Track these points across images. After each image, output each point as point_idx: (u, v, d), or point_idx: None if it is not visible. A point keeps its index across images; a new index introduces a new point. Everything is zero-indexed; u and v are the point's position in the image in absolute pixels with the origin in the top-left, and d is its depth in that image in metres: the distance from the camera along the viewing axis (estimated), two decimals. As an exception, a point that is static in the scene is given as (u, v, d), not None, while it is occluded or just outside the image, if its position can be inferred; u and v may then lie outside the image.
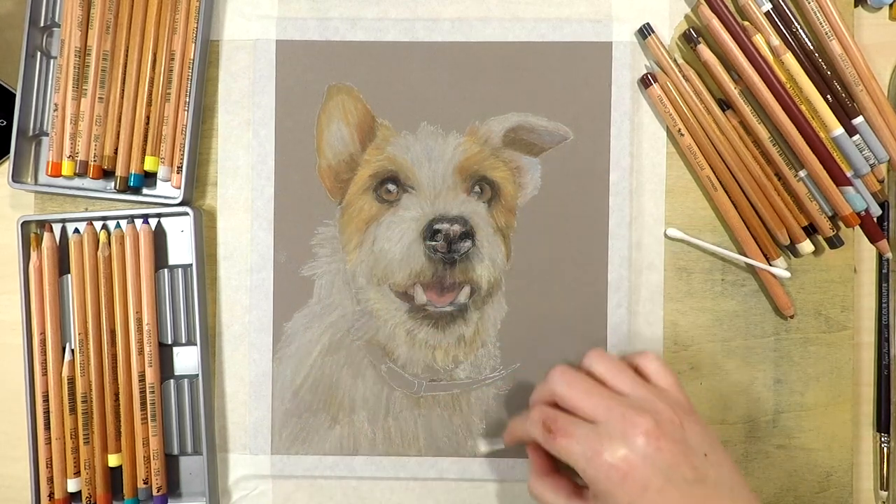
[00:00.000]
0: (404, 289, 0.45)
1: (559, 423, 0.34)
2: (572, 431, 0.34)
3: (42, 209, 0.47)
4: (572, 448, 0.33)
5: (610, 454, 0.32)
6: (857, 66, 0.44)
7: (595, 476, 0.32)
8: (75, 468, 0.44)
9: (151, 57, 0.44)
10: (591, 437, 0.33)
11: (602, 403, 0.34)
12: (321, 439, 0.46)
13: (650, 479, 0.32)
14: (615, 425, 0.33)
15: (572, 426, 0.34)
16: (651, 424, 0.32)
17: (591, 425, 0.34)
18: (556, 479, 0.37)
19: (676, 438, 0.33)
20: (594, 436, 0.33)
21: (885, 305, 0.47)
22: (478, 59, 0.46)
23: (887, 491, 0.46)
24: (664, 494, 0.32)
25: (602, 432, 0.33)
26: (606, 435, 0.33)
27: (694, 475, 0.32)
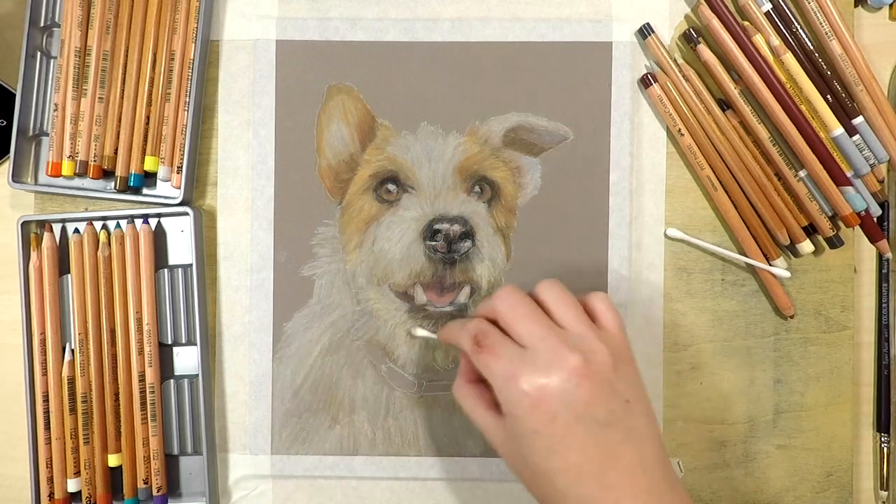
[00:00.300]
0: (404, 289, 0.45)
1: (489, 340, 0.34)
2: (498, 350, 0.33)
3: (42, 209, 0.47)
4: (493, 366, 0.33)
5: (527, 381, 0.32)
6: (857, 66, 0.44)
7: (507, 398, 0.33)
8: (75, 468, 0.44)
9: (151, 57, 0.44)
10: (514, 361, 0.33)
11: (537, 331, 0.33)
12: (321, 439, 0.46)
13: (559, 412, 0.31)
14: (542, 355, 0.32)
15: (500, 345, 0.34)
16: (579, 362, 0.32)
17: (520, 349, 0.33)
18: (480, 389, 0.37)
19: (601, 380, 0.32)
20: (518, 360, 0.33)
21: (885, 305, 0.47)
22: (478, 59, 0.46)
23: (887, 491, 0.46)
24: (570, 429, 0.31)
25: (527, 358, 0.33)
26: (531, 362, 0.32)
27: (607, 418, 0.32)
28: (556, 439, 0.32)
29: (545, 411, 0.32)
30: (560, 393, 0.32)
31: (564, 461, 0.32)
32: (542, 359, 0.32)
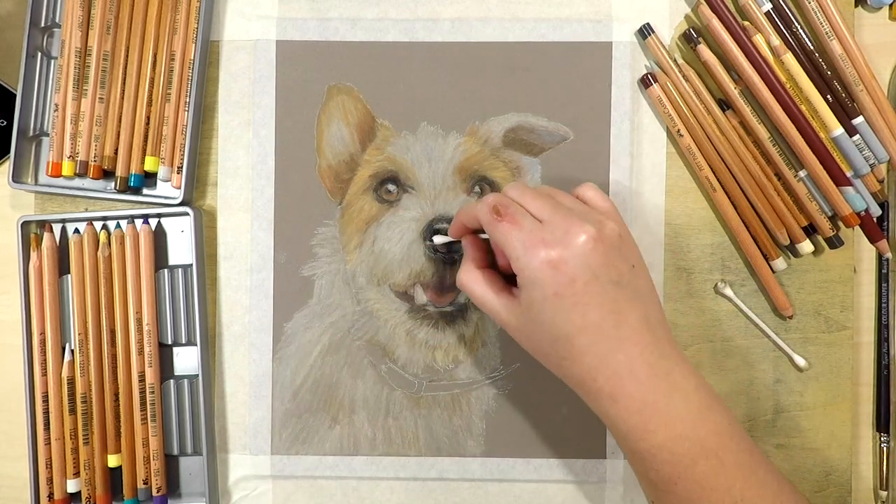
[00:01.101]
0: (404, 289, 0.45)
1: (510, 210, 0.36)
2: (519, 220, 0.35)
3: (42, 209, 0.47)
4: (513, 234, 0.35)
5: (547, 248, 0.34)
6: (857, 66, 0.44)
7: (527, 264, 0.34)
8: (75, 468, 0.44)
9: (152, 57, 0.44)
10: (534, 230, 0.35)
11: (548, 207, 0.36)
12: (321, 439, 0.46)
13: (578, 274, 0.34)
14: (559, 224, 0.34)
15: (520, 215, 0.35)
16: (593, 230, 0.34)
17: (537, 221, 0.35)
18: (489, 273, 0.39)
19: (612, 245, 0.35)
20: (537, 229, 0.35)
21: (885, 305, 0.47)
22: (478, 59, 0.46)
23: (887, 491, 0.47)
24: (588, 289, 0.34)
25: (545, 228, 0.35)
26: (549, 231, 0.34)
27: (618, 279, 0.34)
28: (576, 299, 0.34)
29: (565, 273, 0.33)
30: (577, 257, 0.34)
31: (583, 319, 0.34)
32: (559, 228, 0.34)
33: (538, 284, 0.34)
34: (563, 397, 0.45)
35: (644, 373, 0.34)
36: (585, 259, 0.34)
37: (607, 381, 0.34)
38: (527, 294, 0.35)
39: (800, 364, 0.46)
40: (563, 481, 0.45)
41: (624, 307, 0.34)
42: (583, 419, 0.45)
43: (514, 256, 0.35)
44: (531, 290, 0.34)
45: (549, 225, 0.35)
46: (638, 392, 0.34)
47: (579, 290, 0.34)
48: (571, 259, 0.34)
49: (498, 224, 0.35)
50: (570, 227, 0.34)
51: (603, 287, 0.34)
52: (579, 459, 0.45)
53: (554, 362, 0.36)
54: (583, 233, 0.34)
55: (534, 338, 0.36)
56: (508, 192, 0.37)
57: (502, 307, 0.37)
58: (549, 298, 0.34)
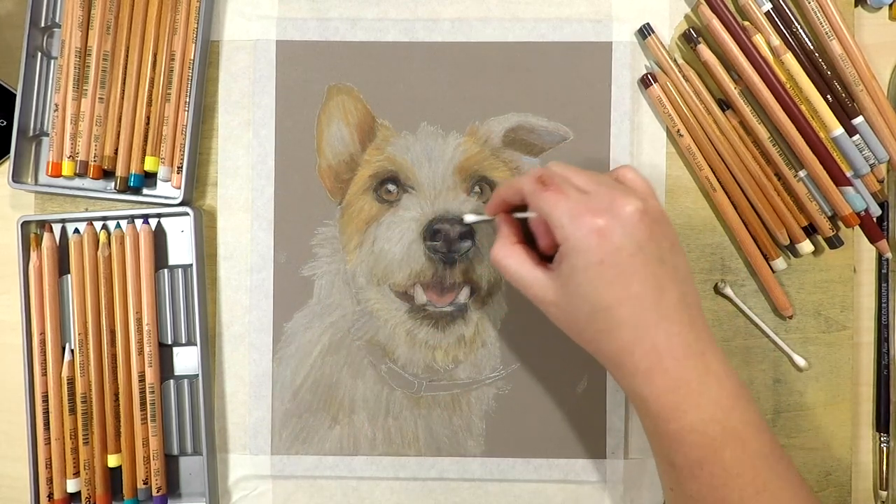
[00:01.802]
0: (404, 289, 0.45)
1: (555, 179, 0.36)
2: (564, 189, 0.35)
3: (42, 209, 0.47)
4: (560, 203, 0.35)
5: (596, 217, 0.34)
6: (857, 66, 0.44)
7: (574, 233, 0.34)
8: (75, 468, 0.44)
9: (152, 57, 0.44)
10: (580, 200, 0.35)
11: (593, 180, 0.36)
12: (321, 439, 0.46)
13: (625, 244, 0.33)
14: (605, 196, 0.35)
15: (566, 186, 0.35)
16: (639, 203, 0.34)
17: (583, 192, 0.35)
18: (524, 248, 0.38)
19: (655, 221, 0.35)
20: (584, 199, 0.35)
21: (885, 305, 0.47)
22: (478, 59, 0.46)
23: (887, 490, 0.47)
24: (633, 260, 0.33)
25: (591, 198, 0.35)
26: (595, 201, 0.34)
27: (660, 255, 0.34)
28: (620, 268, 0.33)
29: (612, 242, 0.33)
30: (624, 226, 0.34)
31: (626, 290, 0.33)
32: (605, 199, 0.34)
33: (583, 252, 0.34)
34: (563, 397, 0.45)
35: (681, 351, 0.34)
36: (632, 230, 0.34)
37: (645, 355, 0.34)
38: (569, 263, 0.34)
39: (800, 364, 0.46)
40: (563, 481, 0.45)
41: (665, 283, 0.34)
42: (583, 419, 0.45)
43: (559, 224, 0.34)
44: (575, 259, 0.34)
45: (595, 195, 0.35)
46: (674, 370, 0.33)
47: (624, 260, 0.33)
48: (619, 228, 0.33)
49: (543, 193, 0.35)
50: (617, 198, 0.34)
51: (647, 260, 0.34)
52: (579, 459, 0.45)
53: (589, 336, 0.36)
54: (629, 204, 0.34)
55: (571, 310, 0.35)
56: (551, 166, 0.38)
57: (538, 280, 0.37)
58: (592, 266, 0.33)
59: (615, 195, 0.34)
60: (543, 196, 0.35)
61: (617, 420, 0.45)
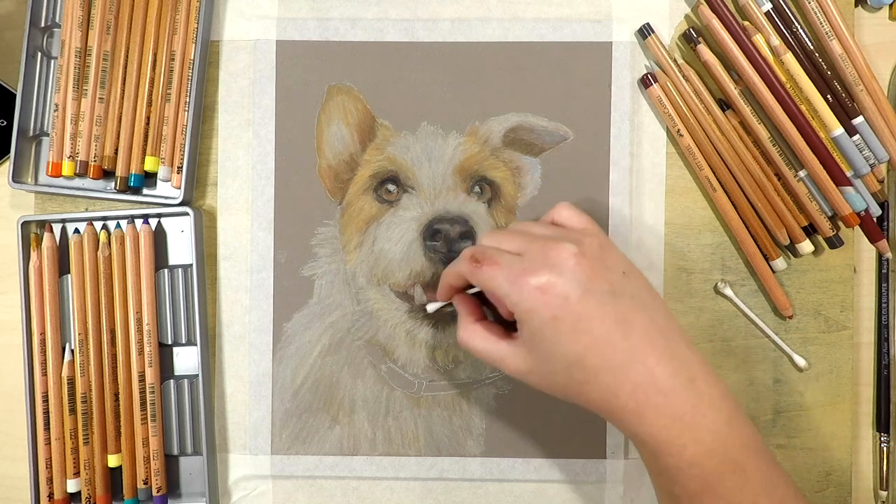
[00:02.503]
0: (404, 289, 0.45)
1: (487, 253, 0.36)
2: (498, 260, 0.35)
3: (42, 209, 0.47)
4: (496, 274, 0.35)
5: (533, 276, 0.34)
6: (857, 66, 0.44)
7: (518, 297, 0.34)
8: (75, 468, 0.44)
9: (152, 57, 0.44)
10: (515, 264, 0.35)
11: (524, 239, 0.36)
12: (321, 439, 0.46)
13: (570, 291, 0.33)
14: (537, 252, 0.35)
15: (498, 255, 0.35)
16: (572, 247, 0.34)
17: (516, 255, 0.35)
18: (487, 324, 0.38)
19: (595, 257, 0.35)
20: (518, 262, 0.35)
21: (885, 305, 0.47)
22: (478, 59, 0.46)
23: (887, 491, 0.47)
24: (583, 303, 0.33)
25: (526, 259, 0.35)
26: (529, 261, 0.34)
27: (611, 289, 0.34)
28: (575, 317, 0.33)
29: (557, 295, 0.33)
30: (563, 274, 0.33)
31: (590, 335, 0.33)
32: (539, 255, 0.34)
33: (534, 314, 0.33)
34: (563, 397, 0.45)
35: (666, 383, 0.33)
36: (572, 275, 0.33)
37: (630, 396, 0.33)
38: (527, 328, 0.34)
39: (800, 364, 0.46)
40: (563, 481, 0.45)
41: (628, 315, 0.33)
42: (583, 419, 0.45)
43: (502, 294, 0.34)
44: (530, 323, 0.34)
45: (527, 255, 0.35)
46: (664, 405, 0.33)
47: (575, 308, 0.33)
48: (558, 279, 0.33)
49: (479, 270, 0.35)
50: (548, 250, 0.34)
51: (599, 299, 0.33)
52: (579, 459, 0.45)
53: (574, 391, 0.35)
54: (563, 251, 0.34)
55: (547, 373, 0.35)
56: (482, 240, 0.38)
57: (508, 353, 0.36)
58: (548, 324, 0.33)
59: (547, 248, 0.34)
60: (480, 273, 0.35)
61: (617, 420, 0.45)
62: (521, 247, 0.35)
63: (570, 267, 0.33)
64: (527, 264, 0.34)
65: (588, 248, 0.34)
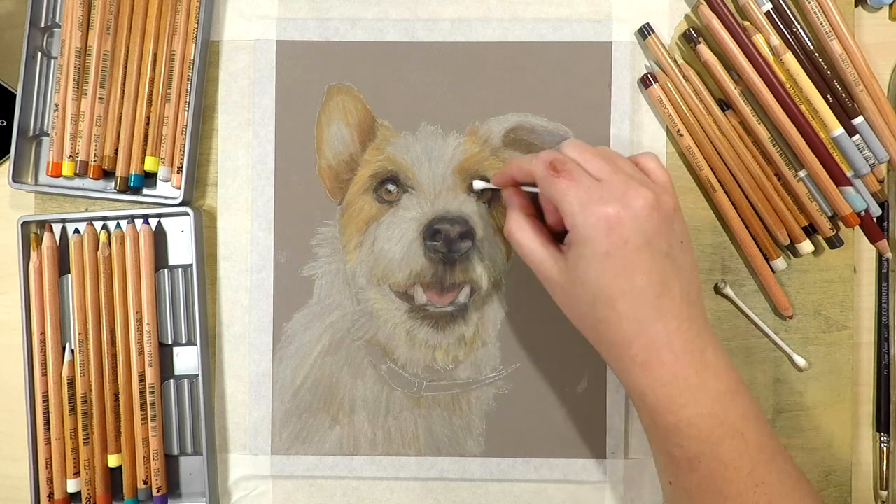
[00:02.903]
0: (404, 289, 0.45)
1: (568, 166, 0.35)
2: (576, 177, 0.35)
3: (42, 209, 0.47)
4: (570, 191, 0.34)
5: (605, 206, 0.34)
6: (858, 66, 0.44)
7: (583, 221, 0.34)
8: (75, 468, 0.44)
9: (152, 57, 0.44)
10: (592, 188, 0.34)
11: (608, 168, 0.35)
12: (321, 439, 0.46)
13: (633, 237, 0.33)
14: (618, 186, 0.34)
15: (578, 172, 0.35)
16: (651, 197, 0.34)
17: (596, 180, 0.35)
18: (537, 223, 0.38)
19: (666, 216, 0.35)
20: (596, 187, 0.34)
21: (885, 305, 0.47)
22: (478, 59, 0.46)
23: (887, 491, 0.47)
24: (639, 254, 0.33)
25: (604, 188, 0.34)
26: (608, 190, 0.34)
27: (667, 251, 0.34)
28: (626, 261, 0.33)
29: (620, 235, 0.33)
30: (633, 220, 0.34)
31: (630, 283, 0.33)
32: (618, 189, 0.34)
33: (590, 242, 0.34)
34: (563, 397, 0.45)
35: (679, 346, 0.34)
36: (641, 223, 0.34)
37: (642, 349, 0.34)
38: (576, 251, 0.35)
39: (800, 364, 0.46)
40: (563, 481, 0.45)
41: (669, 279, 0.34)
42: (583, 419, 0.45)
43: (568, 212, 0.34)
44: (582, 248, 0.34)
45: (607, 185, 0.34)
46: (671, 363, 0.34)
47: (630, 253, 0.33)
48: (628, 220, 0.33)
49: (554, 180, 0.35)
50: (629, 189, 0.34)
51: (653, 255, 0.34)
52: (579, 459, 0.45)
53: (589, 325, 0.36)
54: (641, 197, 0.34)
55: (574, 296, 0.36)
56: (566, 149, 0.37)
57: (549, 259, 0.37)
58: (598, 257, 0.34)
59: (629, 186, 0.34)
60: (554, 182, 0.35)
61: (617, 420, 0.45)
62: (602, 173, 0.35)
63: (643, 215, 0.34)
64: (604, 193, 0.34)
65: (663, 205, 0.35)
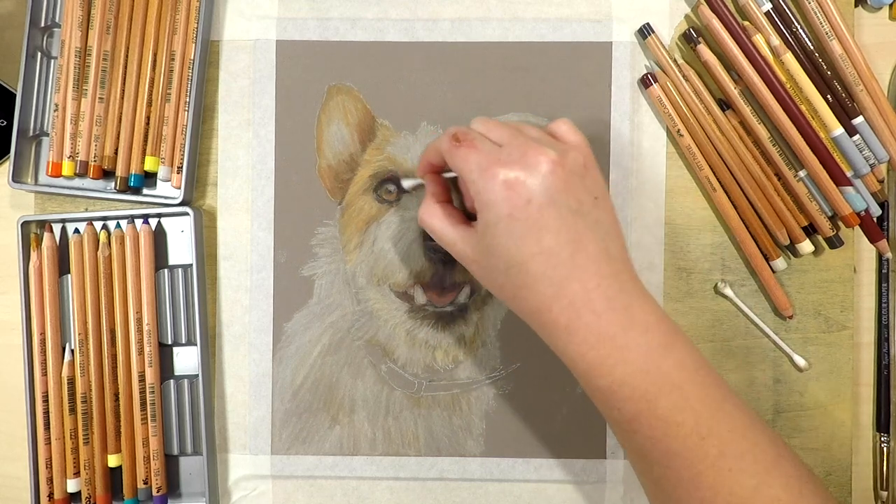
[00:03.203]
0: (404, 289, 0.45)
1: (469, 136, 0.35)
2: (477, 144, 0.35)
3: (42, 209, 0.47)
4: (471, 157, 0.34)
5: (504, 169, 0.33)
6: (857, 66, 0.44)
7: (483, 186, 0.33)
8: (75, 468, 0.44)
9: (152, 57, 0.44)
10: (492, 153, 0.34)
11: (511, 133, 0.35)
12: (321, 439, 0.46)
13: (535, 196, 0.33)
14: (517, 148, 0.34)
15: (479, 140, 0.35)
16: (554, 156, 0.33)
17: (497, 146, 0.35)
18: (448, 207, 0.39)
19: (573, 173, 0.34)
20: (496, 151, 0.34)
21: (885, 305, 0.47)
22: (478, 59, 0.46)
23: (887, 491, 0.47)
24: (543, 212, 0.33)
25: (504, 150, 0.34)
26: (507, 153, 0.34)
27: (578, 208, 0.33)
28: (530, 222, 0.33)
29: (520, 195, 0.33)
30: (534, 177, 0.33)
31: (538, 244, 0.33)
32: (518, 151, 0.34)
33: (493, 206, 0.33)
34: (563, 397, 0.45)
35: (601, 305, 0.33)
36: (543, 181, 0.33)
37: (562, 311, 0.33)
38: (482, 218, 0.34)
39: (800, 364, 0.46)
40: (563, 481, 0.45)
41: (583, 236, 0.33)
42: (583, 419, 0.45)
43: (470, 179, 0.34)
44: (486, 213, 0.34)
45: (507, 147, 0.34)
46: (594, 324, 0.33)
47: (534, 212, 0.33)
48: (528, 179, 0.33)
49: (455, 149, 0.35)
50: (529, 150, 0.34)
51: (560, 213, 0.33)
52: (579, 459, 0.45)
53: (509, 293, 0.35)
54: (542, 156, 0.33)
55: (489, 268, 0.35)
56: (472, 123, 0.37)
57: (459, 237, 0.37)
58: (503, 220, 0.33)
59: (529, 147, 0.34)
60: (456, 152, 0.35)
61: (617, 420, 0.45)
62: (504, 139, 0.35)
63: (543, 172, 0.33)
64: (503, 156, 0.34)
65: (570, 162, 0.34)
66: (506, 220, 0.33)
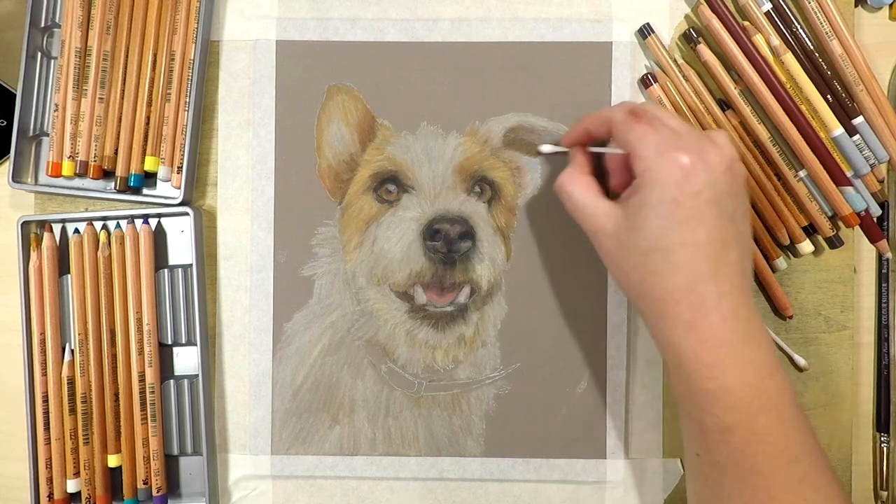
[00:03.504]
0: (404, 289, 0.45)
1: (649, 114, 0.36)
2: (657, 125, 0.35)
3: (42, 209, 0.47)
4: (649, 135, 0.34)
5: (683, 154, 0.33)
6: (857, 66, 0.44)
7: (657, 166, 0.34)
8: (75, 468, 0.44)
9: (151, 57, 0.45)
10: (671, 136, 0.34)
11: (686, 125, 0.36)
12: (321, 439, 0.46)
13: (705, 189, 0.33)
14: (696, 141, 0.34)
15: (657, 121, 0.35)
16: (728, 156, 0.34)
17: (674, 131, 0.35)
18: (591, 179, 0.39)
19: (738, 181, 0.35)
20: (674, 136, 0.34)
21: (885, 305, 0.47)
22: (478, 59, 0.46)
23: (887, 491, 0.47)
24: (707, 207, 0.33)
25: (682, 139, 0.34)
26: (686, 142, 0.34)
27: (732, 214, 0.34)
28: (694, 212, 0.33)
29: (692, 184, 0.33)
30: (708, 173, 0.33)
31: (693, 234, 0.33)
32: (697, 144, 0.34)
33: (661, 186, 0.33)
34: (563, 397, 0.45)
35: (728, 311, 0.33)
36: (715, 178, 0.33)
37: (691, 307, 0.33)
38: (640, 197, 0.34)
39: (800, 364, 0.46)
40: (563, 481, 0.45)
41: (729, 243, 0.34)
42: (583, 419, 0.45)
43: (643, 156, 0.34)
44: (649, 193, 0.34)
45: (686, 137, 0.34)
46: (718, 327, 0.33)
47: (700, 204, 0.33)
48: (703, 172, 0.33)
49: (634, 124, 0.35)
50: (707, 145, 0.34)
51: (720, 213, 0.33)
52: (579, 459, 0.45)
53: (637, 277, 0.35)
54: (718, 154, 0.34)
55: (628, 245, 0.35)
56: (647, 105, 0.38)
57: (601, 210, 0.37)
58: (665, 203, 0.33)
59: (707, 143, 0.34)
60: (634, 127, 0.35)
61: (617, 420, 0.45)
62: (682, 129, 0.35)
63: (718, 170, 0.34)
64: (682, 143, 0.34)
65: (738, 170, 0.35)
66: (669, 203, 0.33)
